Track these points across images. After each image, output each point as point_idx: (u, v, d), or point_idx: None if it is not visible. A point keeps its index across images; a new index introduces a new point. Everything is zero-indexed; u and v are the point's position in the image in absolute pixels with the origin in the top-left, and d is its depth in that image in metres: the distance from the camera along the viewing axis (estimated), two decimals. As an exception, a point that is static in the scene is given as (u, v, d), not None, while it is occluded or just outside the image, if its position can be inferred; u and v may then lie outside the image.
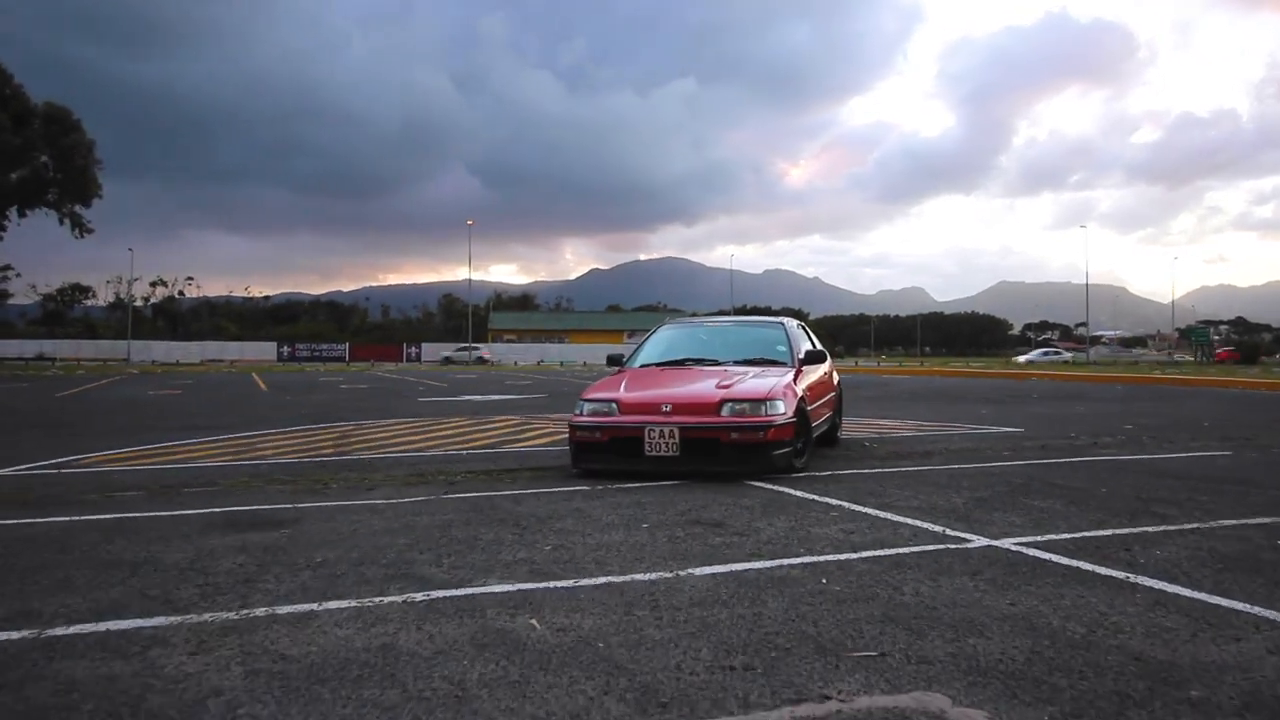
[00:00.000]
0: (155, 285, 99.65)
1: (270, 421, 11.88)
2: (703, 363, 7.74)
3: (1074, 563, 3.95)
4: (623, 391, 6.82)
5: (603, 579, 3.68)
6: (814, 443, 7.30)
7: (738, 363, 7.61)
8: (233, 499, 5.69)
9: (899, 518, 4.99)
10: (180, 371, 39.17)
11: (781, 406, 6.46)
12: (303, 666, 2.69)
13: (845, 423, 10.04)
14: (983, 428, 10.77)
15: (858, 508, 5.30)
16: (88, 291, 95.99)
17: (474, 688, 2.52)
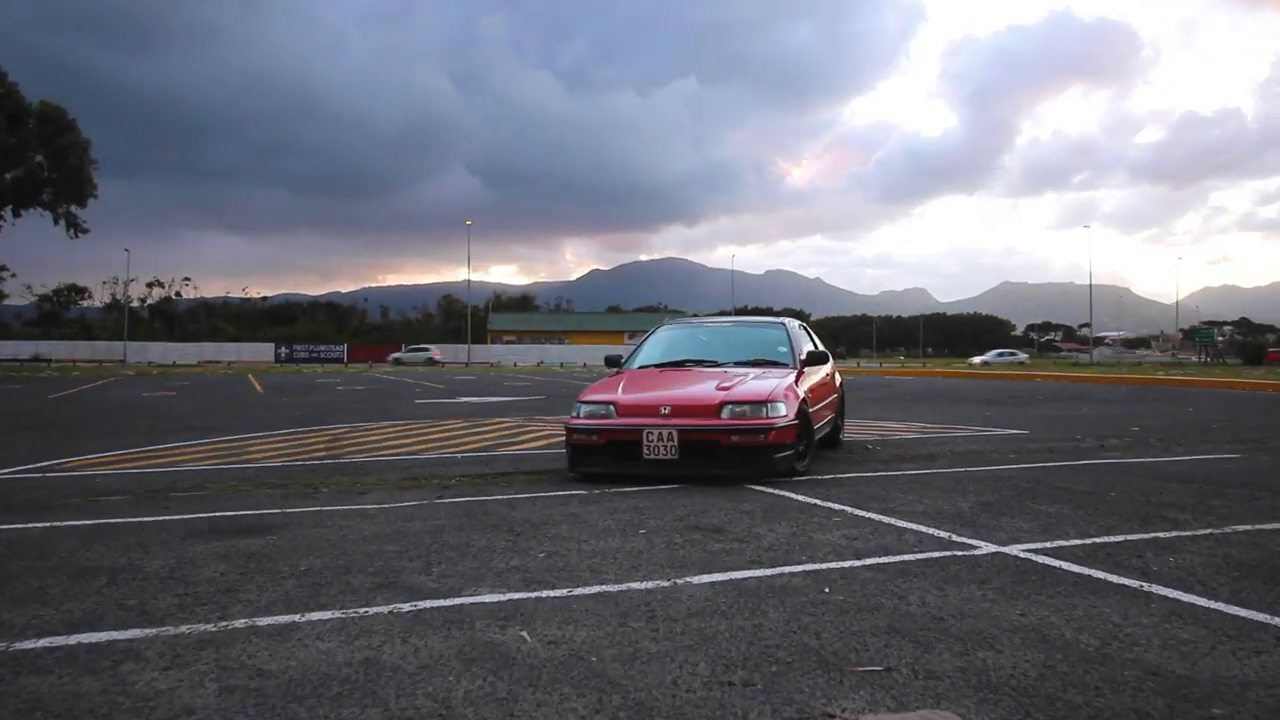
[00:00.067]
0: (152, 286, 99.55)
1: (264, 424, 11.76)
2: (702, 364, 7.60)
3: (1085, 570, 3.82)
4: (621, 393, 6.70)
5: (597, 588, 3.56)
6: (816, 445, 7.17)
7: (738, 364, 7.47)
8: (220, 504, 5.57)
9: (903, 523, 4.86)
10: (176, 373, 39.07)
11: (783, 408, 6.33)
12: (280, 683, 2.57)
13: (847, 424, 9.92)
14: (987, 430, 10.64)
15: (861, 512, 5.17)
16: (84, 292, 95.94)
17: (459, 705, 2.40)
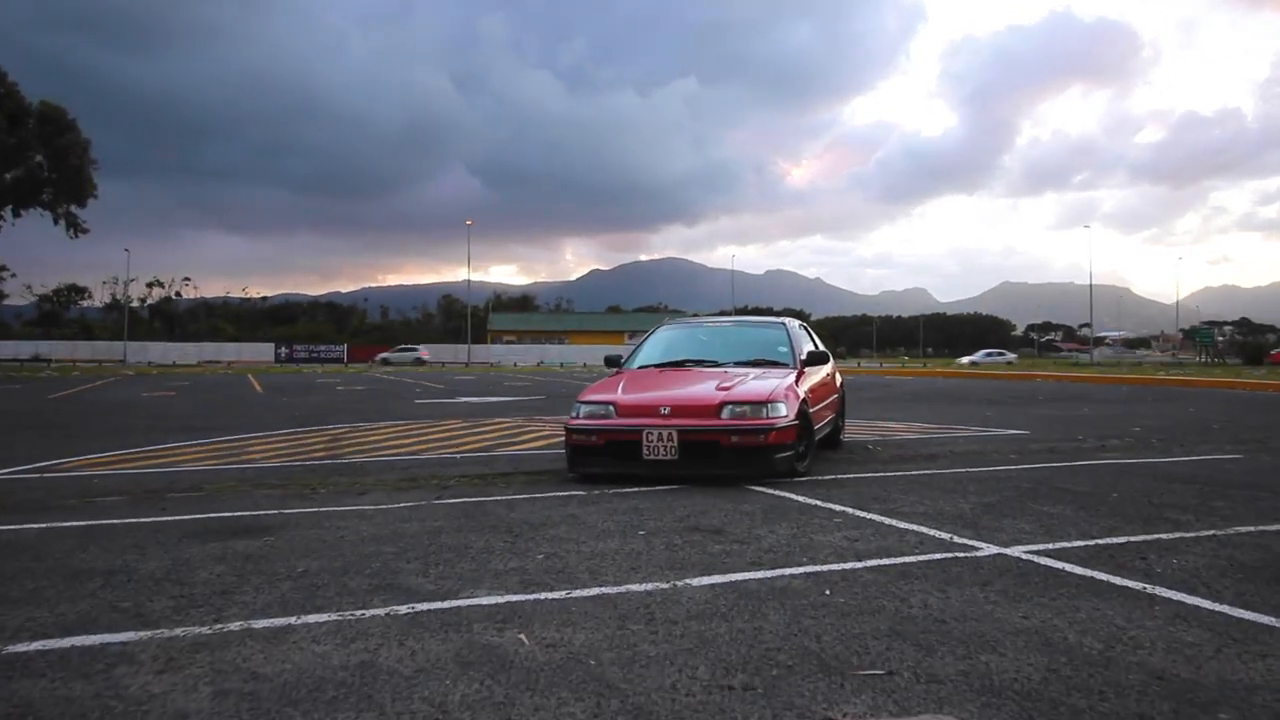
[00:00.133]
0: (152, 286, 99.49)
1: (263, 424, 11.73)
2: (702, 364, 7.57)
3: (1088, 572, 3.79)
4: (620, 393, 6.66)
5: (596, 590, 3.52)
6: (816, 446, 7.13)
7: (738, 364, 7.44)
8: (218, 505, 5.54)
9: (905, 524, 4.83)
10: (176, 373, 39.02)
11: (783, 409, 6.30)
12: (275, 686, 2.54)
13: (848, 425, 9.88)
14: (987, 430, 10.61)
15: (862, 514, 5.14)
16: (84, 292, 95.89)
17: (456, 710, 2.37)
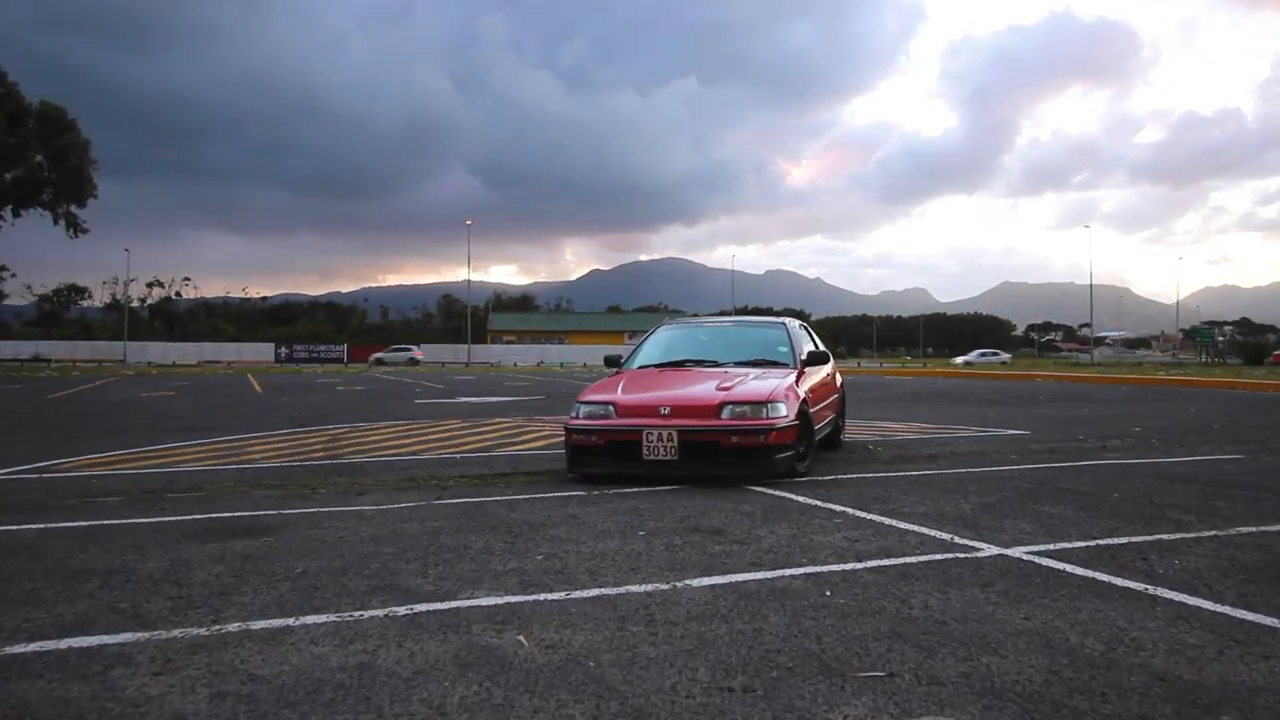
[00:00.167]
0: (152, 286, 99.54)
1: (262, 424, 11.72)
2: (702, 364, 7.56)
3: (1089, 573, 3.78)
4: (620, 393, 6.65)
5: (596, 591, 3.51)
6: (817, 446, 7.12)
7: (738, 364, 7.43)
8: (216, 505, 5.53)
9: (905, 525, 4.82)
10: (176, 373, 39.02)
11: (783, 409, 6.29)
12: (273, 688, 2.53)
13: (848, 425, 9.87)
14: (988, 430, 10.60)
15: (862, 514, 5.13)
16: (84, 292, 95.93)
17: (454, 712, 2.36)
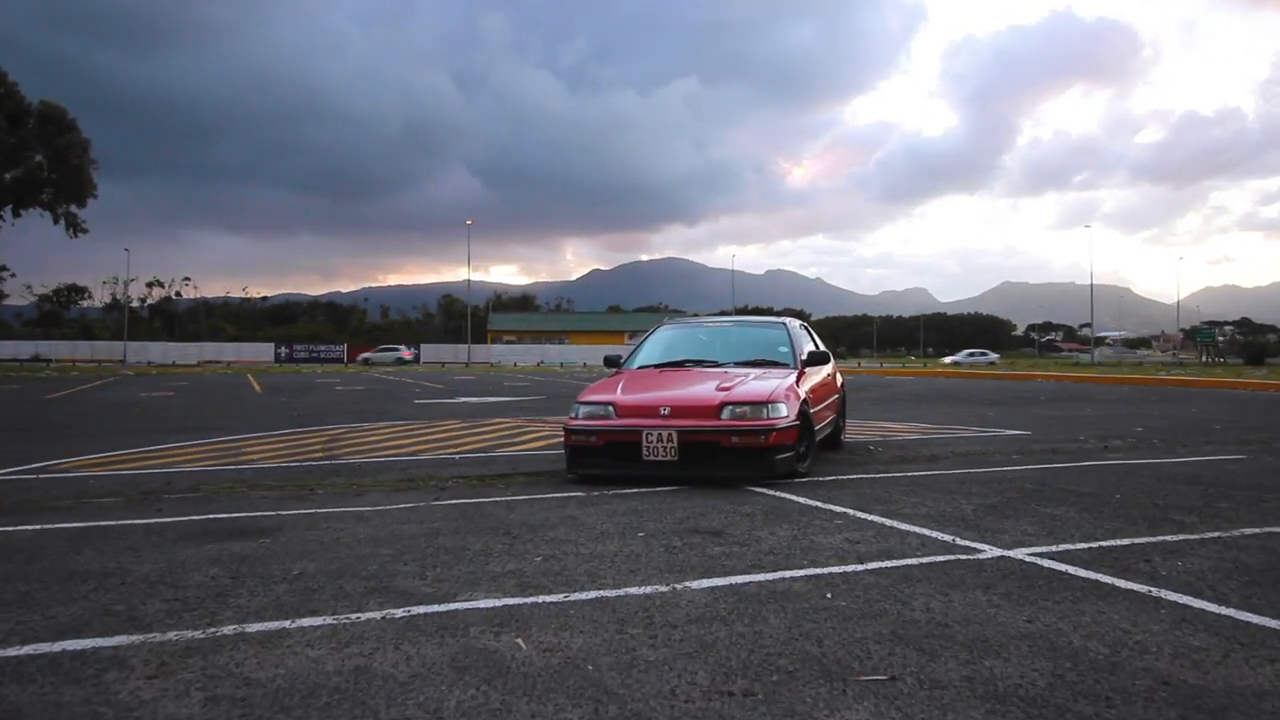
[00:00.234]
0: (152, 286, 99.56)
1: (261, 424, 11.69)
2: (702, 364, 7.52)
3: (1092, 575, 3.75)
4: (620, 394, 6.62)
5: (595, 593, 3.48)
6: (817, 446, 7.09)
7: (738, 364, 7.40)
8: (214, 506, 5.50)
9: (906, 526, 4.79)
10: (176, 373, 38.99)
11: (784, 409, 6.26)
12: (268, 692, 2.49)
13: (849, 425, 9.84)
14: (989, 431, 10.56)
15: (863, 515, 5.10)
16: (84, 292, 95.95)
17: (451, 716, 2.33)
